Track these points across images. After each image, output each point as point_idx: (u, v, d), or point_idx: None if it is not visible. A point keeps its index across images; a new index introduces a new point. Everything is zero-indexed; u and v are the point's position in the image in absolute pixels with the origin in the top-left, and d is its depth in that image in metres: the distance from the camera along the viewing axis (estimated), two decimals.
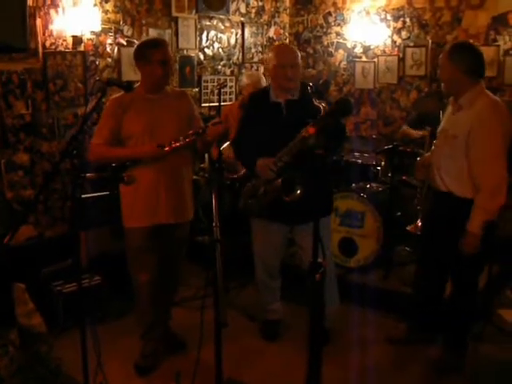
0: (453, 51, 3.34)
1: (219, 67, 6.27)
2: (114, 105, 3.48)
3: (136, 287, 3.68)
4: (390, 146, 4.75)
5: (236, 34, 6.43)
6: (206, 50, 6.08)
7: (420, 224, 4.69)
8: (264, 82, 5.09)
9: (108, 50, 5.10)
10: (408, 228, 4.83)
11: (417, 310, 3.90)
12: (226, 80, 6.26)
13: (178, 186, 3.58)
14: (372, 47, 6.46)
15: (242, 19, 6.48)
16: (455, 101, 3.42)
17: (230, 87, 6.37)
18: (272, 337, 4.05)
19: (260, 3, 6.69)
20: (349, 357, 3.79)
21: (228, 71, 6.39)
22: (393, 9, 6.25)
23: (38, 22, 4.51)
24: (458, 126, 3.34)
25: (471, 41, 5.62)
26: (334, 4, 6.71)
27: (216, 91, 5.80)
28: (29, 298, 3.67)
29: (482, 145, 3.22)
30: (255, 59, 6.72)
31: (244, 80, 5.09)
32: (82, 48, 4.88)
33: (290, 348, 3.85)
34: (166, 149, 3.22)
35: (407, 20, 6.17)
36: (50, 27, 4.61)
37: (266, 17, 6.81)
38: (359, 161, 5.51)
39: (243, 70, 6.50)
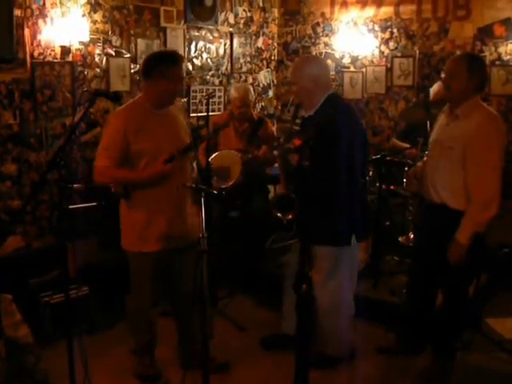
0: (472, 63, 3.32)
1: (208, 77, 6.28)
2: (122, 120, 3.28)
3: (134, 311, 3.58)
4: (378, 156, 4.78)
5: (224, 45, 6.45)
6: (194, 60, 6.09)
7: (412, 236, 4.70)
8: (252, 96, 5.08)
9: (96, 60, 5.09)
10: (400, 239, 4.84)
11: (407, 319, 3.89)
12: (214, 90, 6.28)
13: (187, 203, 3.48)
14: (360, 57, 6.50)
15: (231, 29, 6.51)
16: (451, 110, 3.40)
17: (219, 97, 6.39)
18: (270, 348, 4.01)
19: (248, 14, 6.72)
20: (337, 366, 3.78)
21: (216, 81, 6.41)
22: (380, 19, 6.30)
23: (27, 32, 4.50)
24: (454, 138, 3.33)
25: (457, 51, 5.70)
26: (323, 15, 6.75)
27: (204, 101, 5.81)
28: (16, 308, 3.64)
29: (478, 157, 3.22)
30: (244, 69, 6.74)
31: (232, 92, 5.09)
32: (70, 58, 4.87)
33: (281, 358, 3.82)
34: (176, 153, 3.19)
35: (395, 31, 6.22)
36: (39, 37, 4.60)
37: (254, 27, 6.84)
38: None
39: (232, 81, 6.52)
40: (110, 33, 5.19)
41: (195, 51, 6.08)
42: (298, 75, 3.52)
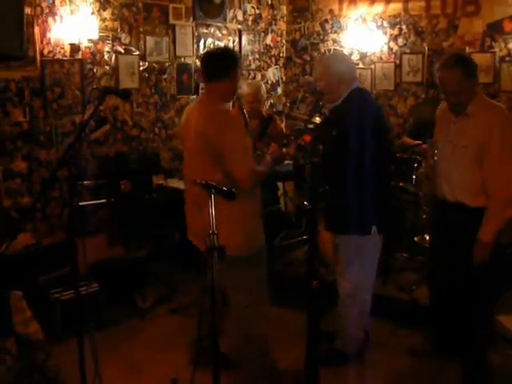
0: (463, 64, 3.25)
1: None
2: (238, 118, 3.35)
3: (258, 316, 3.36)
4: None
5: (233, 42, 6.45)
6: None
7: (427, 237, 4.65)
8: (264, 92, 5.08)
9: (106, 57, 5.11)
10: (416, 239, 4.79)
11: (435, 323, 3.82)
12: None
13: None
14: (369, 54, 6.48)
15: (239, 27, 6.50)
16: (458, 111, 3.32)
17: None
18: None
19: (257, 11, 6.72)
20: (347, 363, 3.77)
21: None
22: (389, 16, 6.28)
23: (36, 30, 4.52)
24: (467, 137, 3.28)
25: (467, 48, 5.68)
26: (331, 11, 6.73)
27: None
28: (26, 306, 3.66)
29: (497, 154, 3.18)
30: (252, 66, 6.74)
31: (244, 88, 5.10)
32: (79, 56, 4.89)
33: (290, 355, 3.81)
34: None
35: (403, 27, 6.20)
36: (48, 35, 4.62)
37: (263, 24, 6.83)
38: None
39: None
40: (119, 30, 5.19)
41: (204, 48, 6.06)
42: (321, 72, 3.58)
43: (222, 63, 3.24)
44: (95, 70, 5.04)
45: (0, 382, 3.24)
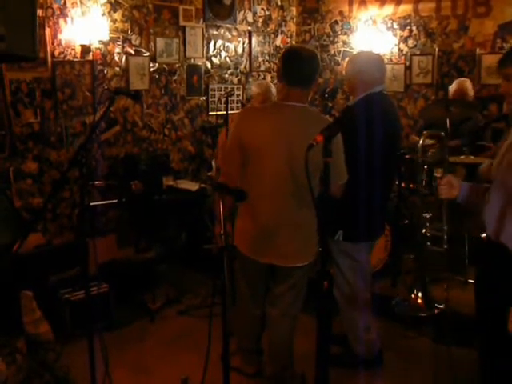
0: None
1: (226, 76, 6.29)
2: None
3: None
4: (397, 154, 4.74)
5: (243, 43, 6.46)
6: (213, 58, 6.11)
7: None
8: (274, 91, 5.08)
9: (116, 59, 5.13)
10: None
11: None
12: (233, 89, 6.28)
13: None
14: None
15: (249, 28, 6.51)
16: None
17: (237, 96, 6.39)
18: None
19: (267, 12, 6.73)
20: (357, 366, 3.76)
21: (235, 80, 6.41)
22: (399, 17, 6.27)
23: (47, 31, 4.55)
24: None
25: (478, 49, 5.66)
26: (341, 13, 6.74)
27: (223, 100, 5.82)
28: (36, 306, 3.67)
29: None
30: (262, 68, 6.74)
31: (254, 89, 5.10)
32: (90, 57, 4.91)
33: (301, 356, 3.81)
34: None
35: (414, 28, 6.19)
36: (59, 37, 4.65)
37: (272, 26, 6.84)
38: None
39: (250, 79, 6.53)
40: (129, 32, 5.22)
41: (214, 50, 6.09)
42: (346, 68, 3.56)
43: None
44: (106, 71, 5.06)
45: (11, 381, 3.25)
